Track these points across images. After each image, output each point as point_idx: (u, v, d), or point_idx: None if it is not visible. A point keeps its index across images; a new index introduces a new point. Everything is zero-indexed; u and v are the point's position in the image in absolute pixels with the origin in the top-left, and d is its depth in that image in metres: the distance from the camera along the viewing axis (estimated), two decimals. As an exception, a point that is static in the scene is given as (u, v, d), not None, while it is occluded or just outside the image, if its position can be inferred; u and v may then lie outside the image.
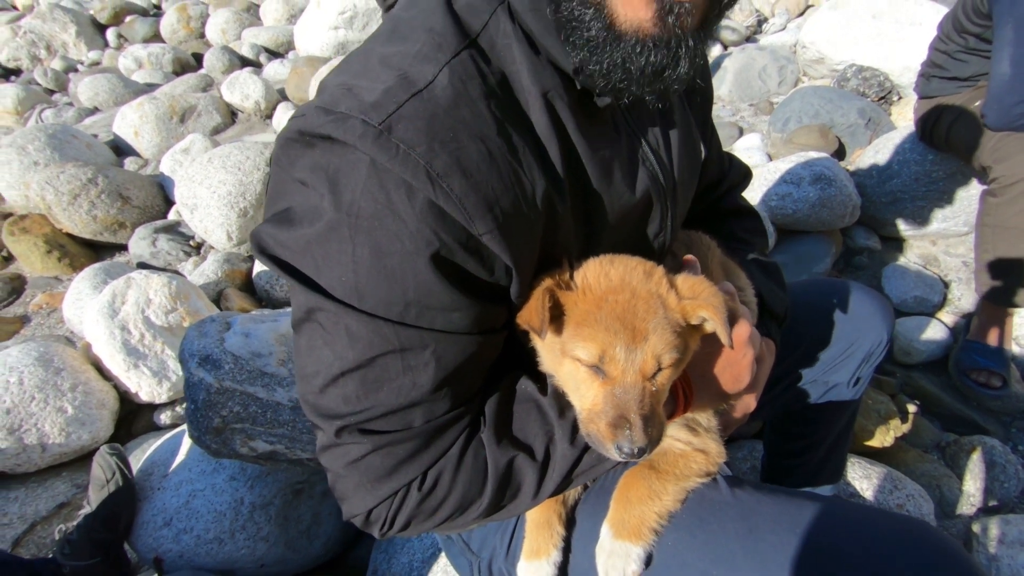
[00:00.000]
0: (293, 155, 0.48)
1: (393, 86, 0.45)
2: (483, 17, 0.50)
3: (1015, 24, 1.42)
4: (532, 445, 0.57)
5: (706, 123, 0.79)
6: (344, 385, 0.50)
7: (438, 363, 0.50)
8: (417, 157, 0.43)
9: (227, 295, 2.03)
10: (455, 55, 0.47)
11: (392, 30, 0.50)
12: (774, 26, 3.65)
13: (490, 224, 0.47)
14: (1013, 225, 1.48)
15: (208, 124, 3.21)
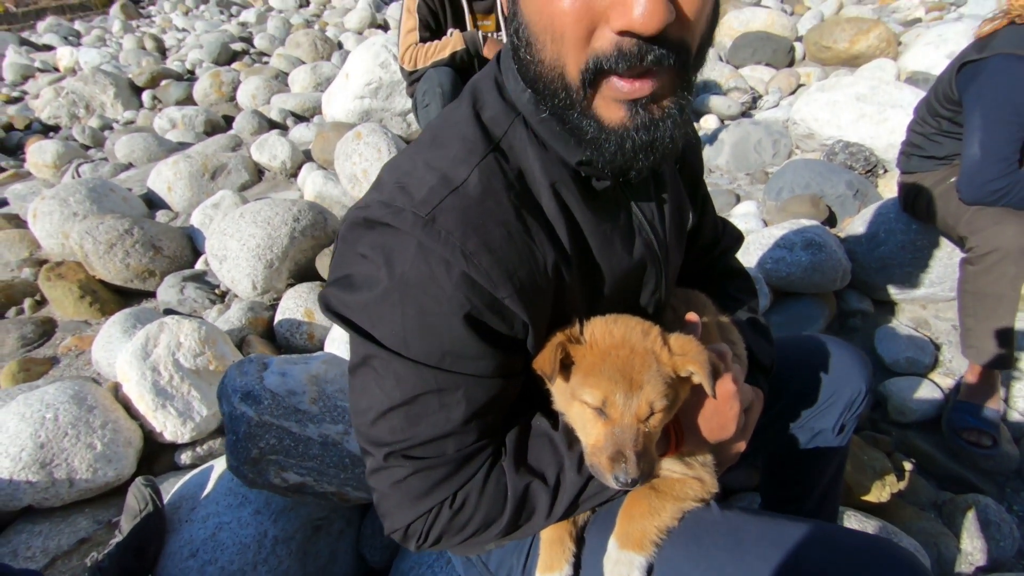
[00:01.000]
0: (357, 235, 0.61)
1: (436, 185, 0.59)
2: (504, 126, 0.64)
3: (982, 111, 1.58)
4: (545, 473, 0.67)
5: (697, 192, 0.91)
6: (391, 419, 0.62)
7: (468, 402, 0.62)
8: (454, 240, 0.57)
9: (249, 341, 2.13)
10: (483, 158, 0.61)
11: (433, 138, 0.65)
12: (768, 103, 3.91)
13: (510, 290, 0.59)
14: (990, 291, 1.59)
15: (237, 181, 3.42)
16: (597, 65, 0.52)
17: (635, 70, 0.52)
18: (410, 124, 3.72)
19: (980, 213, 1.63)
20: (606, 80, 0.54)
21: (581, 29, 0.51)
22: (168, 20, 13.59)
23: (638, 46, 0.50)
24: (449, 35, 2.56)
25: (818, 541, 0.61)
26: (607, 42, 0.51)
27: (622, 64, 0.51)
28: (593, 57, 0.52)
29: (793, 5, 6.25)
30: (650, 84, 0.53)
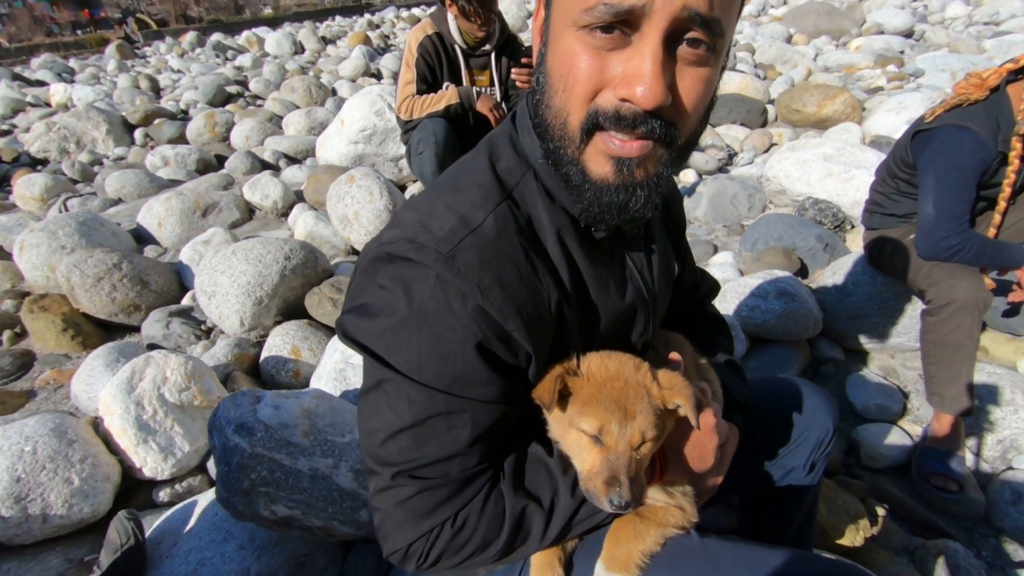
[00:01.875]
0: (378, 267, 0.67)
1: (456, 225, 0.65)
2: (516, 177, 0.71)
3: (934, 175, 1.72)
4: (540, 496, 0.71)
5: (680, 244, 1.00)
6: (401, 439, 0.66)
7: (473, 425, 0.66)
8: (472, 275, 0.62)
9: (234, 378, 2.13)
10: (498, 204, 0.68)
11: (452, 184, 0.72)
12: (743, 160, 4.13)
13: (518, 323, 0.65)
14: (950, 341, 1.69)
15: (228, 219, 3.47)
16: (596, 119, 0.60)
17: (628, 133, 0.59)
18: (402, 169, 3.84)
19: (937, 268, 1.75)
20: (601, 134, 0.61)
21: (590, 86, 0.59)
22: (163, 61, 13.88)
23: (634, 114, 0.58)
24: (445, 88, 2.69)
25: (791, 565, 0.66)
26: (609, 103, 0.59)
27: (617, 125, 0.59)
28: (594, 111, 0.59)
29: (766, 70, 6.66)
30: (639, 148, 0.60)
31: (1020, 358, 2.08)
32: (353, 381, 1.80)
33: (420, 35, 2.69)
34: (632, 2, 0.53)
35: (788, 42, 7.95)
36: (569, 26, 0.58)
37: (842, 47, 7.51)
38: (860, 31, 8.28)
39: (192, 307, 2.62)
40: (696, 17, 0.54)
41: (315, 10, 50.95)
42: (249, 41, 14.78)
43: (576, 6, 0.57)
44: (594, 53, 0.57)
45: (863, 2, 10.71)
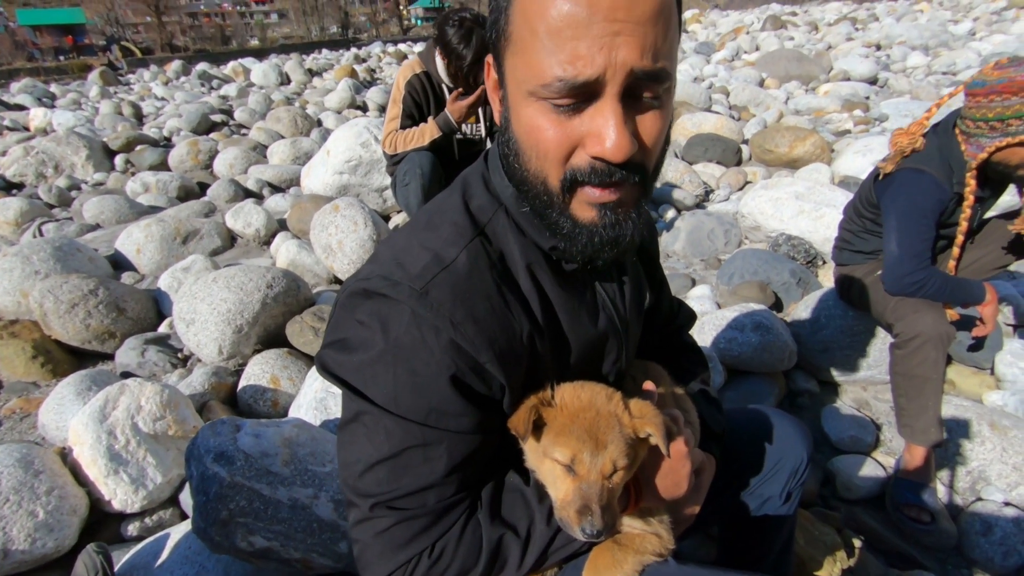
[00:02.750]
0: (356, 303, 0.69)
1: (430, 262, 0.68)
2: (488, 214, 0.74)
3: (896, 215, 1.82)
4: (517, 525, 0.72)
5: (655, 274, 1.03)
6: (379, 471, 0.67)
7: (449, 456, 0.68)
8: (445, 310, 0.65)
9: (210, 407, 2.09)
10: (470, 241, 0.71)
11: (427, 221, 0.75)
12: (719, 196, 4.26)
13: (491, 355, 0.67)
14: (917, 374, 1.75)
15: (209, 246, 3.45)
16: (573, 178, 0.64)
17: (605, 184, 0.63)
18: (386, 200, 3.88)
19: (903, 302, 1.83)
20: (581, 188, 0.65)
21: (562, 151, 0.62)
22: (147, 88, 13.91)
23: (607, 167, 0.62)
24: (427, 123, 2.77)
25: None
26: (583, 161, 0.62)
27: (594, 178, 0.63)
28: (571, 171, 0.63)
29: (740, 112, 6.94)
30: (616, 193, 0.65)
31: (985, 391, 2.15)
32: (334, 410, 1.79)
33: (408, 73, 2.77)
34: (585, 77, 0.57)
35: (761, 86, 8.31)
36: (526, 95, 0.62)
37: (811, 92, 7.88)
38: (828, 77, 8.71)
39: (169, 335, 2.58)
40: (644, 75, 0.58)
41: (302, 43, 51.70)
42: (235, 71, 14.93)
43: (532, 81, 0.60)
44: (557, 122, 0.61)
45: (830, 50, 11.29)
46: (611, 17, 0.55)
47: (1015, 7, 18.57)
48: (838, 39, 12.81)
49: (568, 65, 0.56)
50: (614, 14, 0.55)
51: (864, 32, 14.03)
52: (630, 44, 0.56)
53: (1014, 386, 2.11)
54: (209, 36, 74.15)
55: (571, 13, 0.55)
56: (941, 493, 1.85)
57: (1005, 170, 1.72)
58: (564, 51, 0.56)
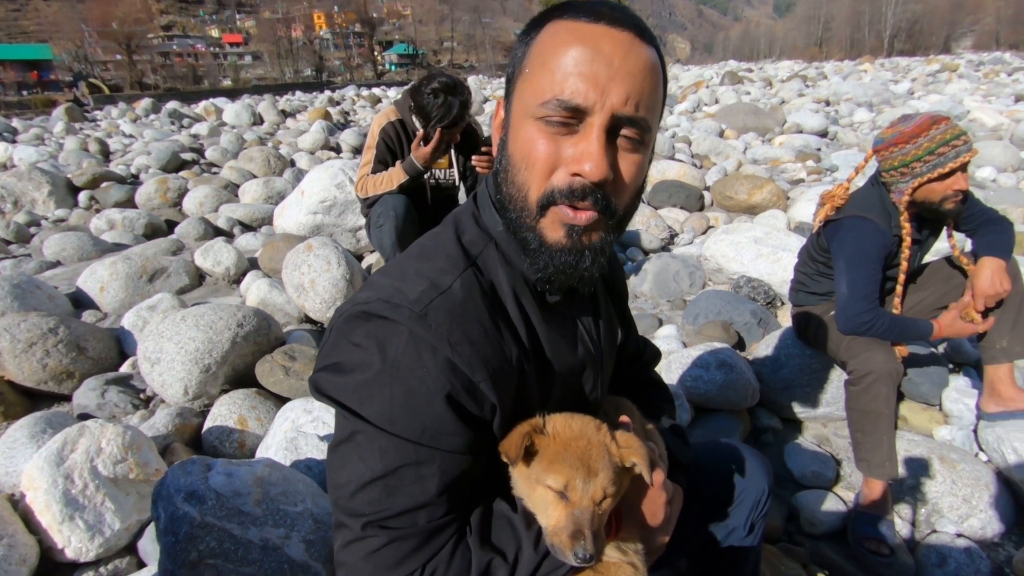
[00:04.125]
0: (353, 325, 0.72)
1: (427, 288, 0.72)
2: (480, 247, 0.80)
3: (844, 259, 1.95)
4: (505, 551, 0.74)
5: (623, 313, 1.10)
6: (371, 490, 0.69)
7: (441, 475, 0.70)
8: (442, 331, 0.69)
9: (173, 449, 2.03)
10: (464, 271, 0.76)
11: (422, 253, 0.80)
12: (684, 240, 4.43)
13: (484, 375, 0.71)
14: (871, 409, 1.85)
15: (176, 284, 3.40)
16: (552, 194, 0.71)
17: (577, 204, 0.70)
18: (360, 240, 3.91)
19: (855, 341, 1.93)
20: (555, 207, 0.71)
21: (547, 166, 0.71)
22: (115, 125, 13.78)
23: (583, 187, 0.70)
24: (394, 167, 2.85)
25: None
26: (562, 180, 0.70)
27: (569, 197, 0.70)
28: (550, 187, 0.71)
29: (702, 160, 7.29)
30: (587, 218, 0.71)
31: (935, 426, 2.26)
32: (305, 450, 1.76)
33: (384, 121, 2.87)
34: (578, 102, 0.67)
35: (721, 136, 8.76)
36: (528, 117, 0.71)
37: (767, 143, 8.34)
38: (782, 129, 9.25)
39: (132, 375, 2.51)
40: (626, 119, 0.68)
41: (275, 84, 52.02)
42: (207, 110, 14.95)
43: (533, 101, 0.70)
44: (550, 138, 0.70)
45: (783, 105, 12.01)
46: (608, 62, 0.66)
47: (948, 70, 20.21)
48: (790, 94, 13.68)
49: (566, 89, 0.67)
50: (611, 60, 0.66)
51: (814, 89, 15.03)
52: (619, 90, 0.67)
53: (960, 421, 2.22)
54: (181, 75, 74.21)
55: (577, 52, 0.67)
56: (899, 526, 1.91)
57: (933, 207, 1.90)
58: (565, 80, 0.67)
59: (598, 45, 0.67)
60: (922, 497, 1.95)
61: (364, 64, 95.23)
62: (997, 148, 6.59)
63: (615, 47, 0.67)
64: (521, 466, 0.75)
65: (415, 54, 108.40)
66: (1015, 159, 6.47)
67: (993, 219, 2.03)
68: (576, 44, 0.67)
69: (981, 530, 1.81)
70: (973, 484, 1.87)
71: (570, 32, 0.68)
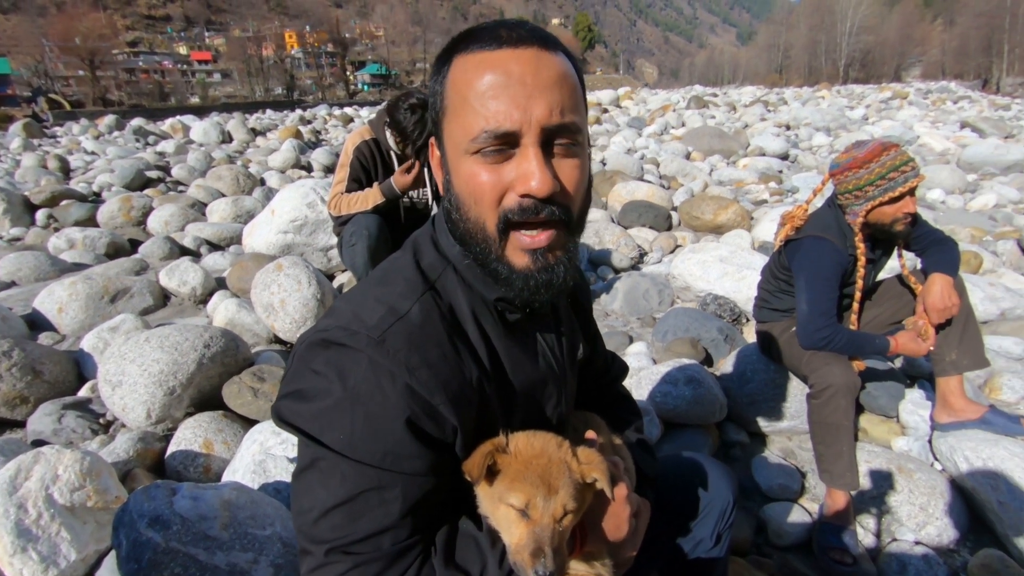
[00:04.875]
0: (314, 353, 0.72)
1: (385, 314, 0.73)
2: (438, 271, 0.82)
3: (804, 278, 2.03)
4: (470, 570, 0.75)
5: (589, 327, 1.12)
6: (334, 516, 0.69)
7: (404, 498, 0.71)
8: (400, 357, 0.70)
9: (135, 475, 1.97)
10: (422, 295, 0.77)
11: (381, 278, 0.81)
12: (652, 259, 4.53)
13: (444, 398, 0.72)
14: (831, 422, 1.91)
15: (139, 305, 3.31)
16: (506, 218, 0.73)
17: (533, 225, 0.73)
18: (331, 259, 3.88)
19: (815, 356, 2.01)
20: (514, 233, 0.74)
21: (495, 194, 0.73)
22: (76, 142, 13.41)
23: (535, 204, 0.72)
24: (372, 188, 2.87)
25: None
26: (513, 202, 0.73)
27: (524, 216, 0.72)
28: (503, 212, 0.73)
29: (669, 182, 7.48)
30: (546, 237, 0.74)
31: (893, 437, 2.35)
32: (274, 473, 1.73)
33: (358, 140, 2.89)
34: (506, 128, 0.69)
35: (687, 158, 9.02)
36: (463, 154, 0.73)
37: (732, 165, 8.63)
38: (746, 152, 9.58)
39: (91, 399, 2.43)
40: (555, 128, 0.71)
41: (245, 102, 51.41)
42: (174, 128, 14.70)
43: (464, 138, 0.72)
44: (490, 168, 0.72)
45: (747, 128, 12.45)
46: (522, 82, 0.69)
47: (899, 98, 21.28)
48: (753, 119, 14.20)
49: (491, 119, 0.69)
50: (524, 79, 0.69)
51: (775, 114, 15.63)
52: (540, 104, 0.69)
53: (916, 432, 2.31)
54: (147, 92, 72.80)
55: (490, 81, 0.69)
56: (862, 535, 1.97)
57: (885, 228, 2.00)
58: (488, 110, 0.69)
59: (507, 69, 0.69)
60: (883, 506, 2.01)
61: (336, 83, 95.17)
62: (945, 172, 6.96)
63: (523, 66, 0.69)
64: (484, 485, 0.76)
65: (388, 74, 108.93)
66: (961, 182, 6.84)
67: (940, 239, 2.15)
68: (486, 74, 0.69)
69: (938, 537, 1.88)
70: (929, 493, 1.94)
71: (477, 65, 0.71)
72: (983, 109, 18.14)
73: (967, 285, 2.18)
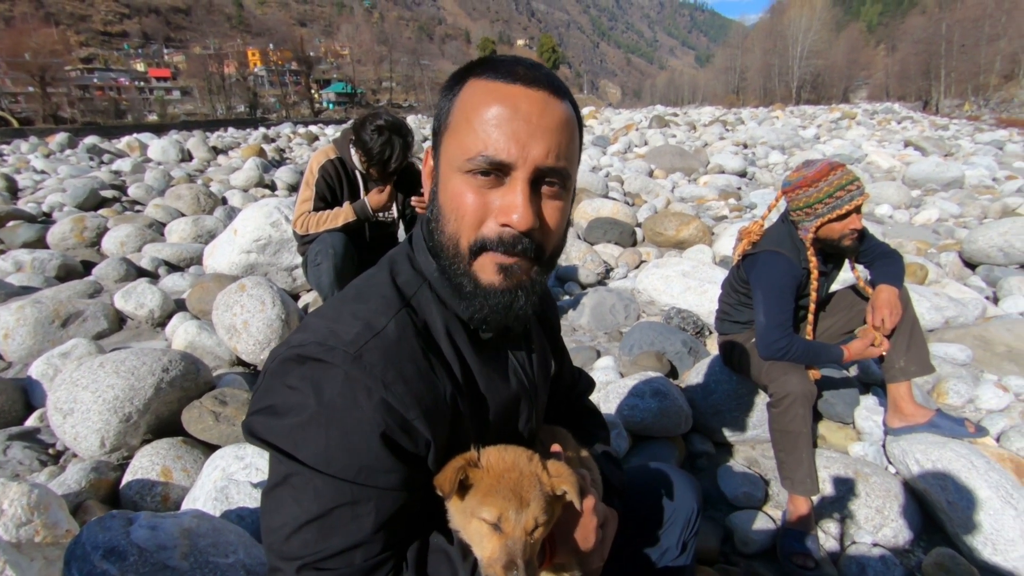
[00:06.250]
0: (288, 368, 0.72)
1: (362, 330, 0.74)
2: (414, 288, 0.83)
3: (761, 291, 2.11)
4: None
5: (556, 345, 1.15)
6: (306, 532, 0.68)
7: (377, 513, 0.71)
8: (377, 372, 0.70)
9: (87, 507, 1.88)
10: (398, 311, 0.78)
11: (357, 294, 0.82)
12: (618, 274, 4.61)
13: (418, 412, 0.72)
14: (791, 430, 1.98)
15: (93, 329, 3.18)
16: (482, 243, 0.76)
17: (509, 252, 0.75)
18: (296, 279, 3.82)
19: (774, 366, 2.08)
20: (487, 253, 0.76)
21: (477, 217, 0.75)
22: (24, 160, 12.87)
23: (513, 236, 0.75)
24: (342, 206, 2.85)
25: None
26: (492, 230, 0.75)
27: (500, 247, 0.75)
28: (481, 237, 0.75)
29: (633, 199, 7.65)
30: (516, 261, 0.76)
31: (850, 443, 2.43)
32: (237, 499, 1.68)
33: (323, 159, 2.87)
34: (502, 158, 0.72)
35: (650, 176, 9.25)
36: (455, 171, 0.76)
37: (693, 182, 8.89)
38: (706, 170, 9.88)
39: (39, 428, 2.32)
40: (548, 171, 0.75)
41: (206, 120, 50.32)
42: (130, 146, 14.28)
43: (460, 156, 0.75)
44: (477, 191, 0.75)
45: (706, 147, 12.86)
46: (527, 120, 0.72)
47: (848, 118, 22.36)
48: (713, 138, 14.69)
49: (490, 145, 0.71)
50: (529, 118, 0.72)
51: (733, 133, 16.21)
52: (539, 145, 0.72)
53: (871, 437, 2.41)
54: (101, 109, 70.61)
55: (497, 111, 0.72)
56: (823, 539, 2.03)
57: (834, 244, 2.10)
58: (488, 137, 0.72)
59: (516, 104, 0.72)
60: (842, 510, 2.08)
61: (301, 102, 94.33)
62: (891, 188, 7.33)
63: (532, 106, 0.73)
64: (456, 499, 0.76)
65: (353, 93, 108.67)
66: (907, 197, 7.21)
67: (886, 252, 2.27)
68: (496, 104, 0.72)
69: (894, 538, 1.95)
70: (884, 495, 2.02)
71: (489, 92, 0.73)
72: (924, 129, 19.24)
73: (913, 295, 2.30)
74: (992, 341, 3.01)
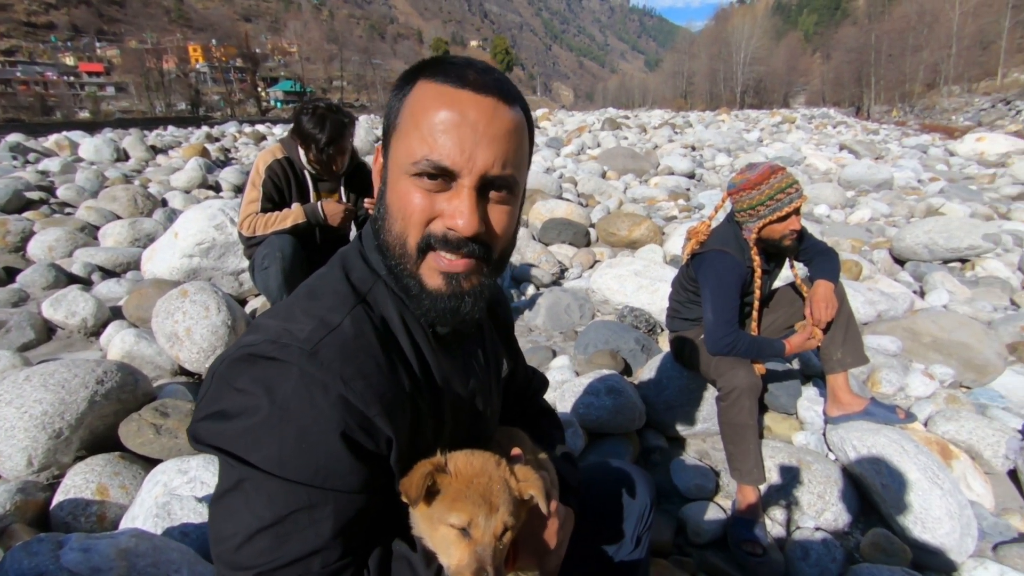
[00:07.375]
0: (238, 370, 0.69)
1: (316, 327, 0.72)
2: (368, 285, 0.81)
3: (709, 288, 2.18)
4: None
5: (511, 344, 1.15)
6: (259, 540, 0.65)
7: (336, 517, 0.68)
8: (335, 368, 0.68)
9: (13, 532, 1.75)
10: (353, 307, 0.76)
11: (309, 293, 0.79)
12: (573, 274, 4.67)
13: (379, 409, 0.70)
14: (739, 422, 2.05)
15: (18, 340, 2.97)
16: (428, 241, 0.75)
17: (454, 253, 0.75)
18: (243, 283, 3.68)
19: (722, 361, 2.15)
20: (433, 253, 0.75)
21: (424, 217, 0.75)
22: (-63, 160, 11.88)
23: (458, 239, 0.74)
24: (291, 207, 2.76)
25: None
26: (439, 230, 0.75)
27: (446, 246, 0.74)
28: (428, 235, 0.75)
29: (587, 200, 7.76)
30: (464, 265, 0.76)
31: (793, 432, 2.55)
32: (180, 515, 1.60)
33: (269, 158, 2.77)
34: (447, 164, 0.72)
35: (603, 177, 9.41)
36: (403, 173, 0.75)
37: (644, 183, 9.09)
38: (656, 171, 10.13)
39: (-44, 449, 2.14)
40: (494, 179, 0.74)
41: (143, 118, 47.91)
42: (59, 144, 13.41)
43: (407, 159, 0.74)
44: (424, 194, 0.74)
45: (656, 149, 13.19)
46: (474, 127, 0.71)
47: (788, 122, 23.42)
48: (662, 140, 15.07)
49: (436, 151, 0.71)
50: (476, 126, 0.71)
51: (682, 135, 16.69)
52: (486, 153, 0.72)
53: (812, 426, 2.52)
54: (26, 106, 66.09)
55: (445, 117, 0.71)
56: (770, 526, 2.11)
57: (775, 243, 2.20)
58: (435, 141, 0.71)
59: (464, 111, 0.71)
60: (788, 497, 2.17)
61: (247, 100, 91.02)
62: (828, 189, 7.72)
63: (480, 113, 0.71)
64: (422, 506, 0.75)
65: (302, 91, 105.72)
66: (842, 198, 7.61)
67: (823, 250, 2.39)
68: (444, 109, 0.71)
69: (834, 522, 2.05)
70: (825, 481, 2.12)
71: (438, 96, 0.72)
72: (857, 133, 20.39)
73: (848, 291, 2.43)
74: (919, 332, 3.21)
